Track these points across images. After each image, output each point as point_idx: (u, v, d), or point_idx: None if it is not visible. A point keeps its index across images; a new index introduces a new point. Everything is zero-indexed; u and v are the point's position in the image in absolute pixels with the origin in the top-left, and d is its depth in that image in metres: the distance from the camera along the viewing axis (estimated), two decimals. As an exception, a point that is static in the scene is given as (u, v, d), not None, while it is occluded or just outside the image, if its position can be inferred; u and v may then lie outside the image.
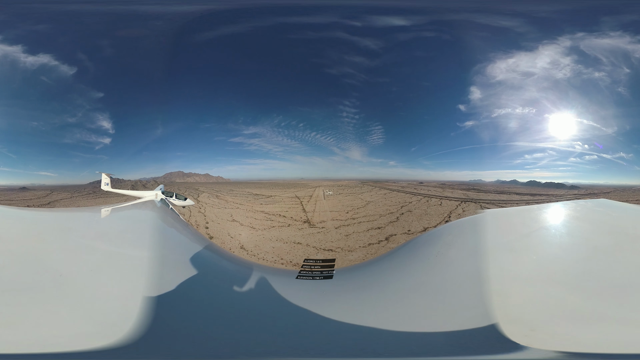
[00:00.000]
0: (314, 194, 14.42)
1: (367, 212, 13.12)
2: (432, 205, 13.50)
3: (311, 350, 3.17)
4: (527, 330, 2.96)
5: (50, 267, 3.67)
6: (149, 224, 6.48)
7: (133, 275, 3.81)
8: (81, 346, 2.72)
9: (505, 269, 3.91)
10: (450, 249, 5.07)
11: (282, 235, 12.17)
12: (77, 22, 10.05)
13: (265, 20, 10.51)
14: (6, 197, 10.92)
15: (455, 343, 3.06)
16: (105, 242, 4.71)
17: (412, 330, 3.35)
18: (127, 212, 7.35)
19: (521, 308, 3.30)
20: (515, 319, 3.10)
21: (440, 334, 3.21)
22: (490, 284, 3.52)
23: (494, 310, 3.18)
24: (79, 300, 3.22)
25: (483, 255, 4.11)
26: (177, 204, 10.46)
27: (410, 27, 10.13)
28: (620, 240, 4.52)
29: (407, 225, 12.41)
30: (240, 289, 4.47)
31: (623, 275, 3.60)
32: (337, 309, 4.01)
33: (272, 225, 12.70)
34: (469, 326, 3.17)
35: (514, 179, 11.88)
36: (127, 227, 6.10)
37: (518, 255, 4.26)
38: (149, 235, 5.39)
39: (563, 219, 5.88)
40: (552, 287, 3.53)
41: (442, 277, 4.27)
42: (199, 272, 4.45)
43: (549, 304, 3.29)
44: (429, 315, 3.57)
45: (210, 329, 3.34)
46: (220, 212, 13.53)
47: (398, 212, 13.20)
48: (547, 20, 9.93)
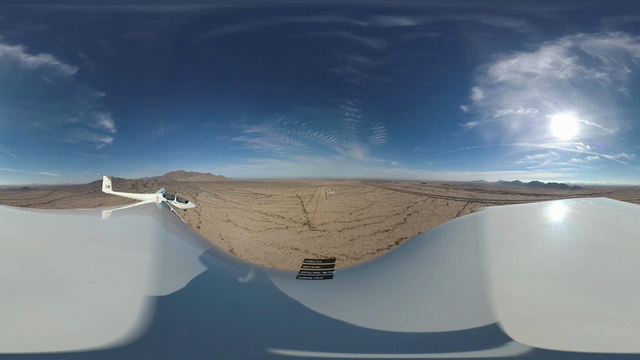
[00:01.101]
0: (315, 194, 14.17)
1: (372, 213, 12.59)
2: (439, 206, 13.13)
3: (314, 352, 3.18)
4: (526, 328, 2.98)
5: (49, 268, 3.67)
6: (150, 226, 6.46)
7: (133, 278, 3.79)
8: (77, 346, 2.72)
9: (506, 267, 3.91)
10: (452, 246, 5.07)
11: (278, 238, 11.39)
12: (78, 22, 9.98)
13: (269, 20, 10.49)
14: (8, 197, 10.88)
15: (456, 341, 3.08)
16: (106, 244, 4.71)
17: (414, 328, 3.36)
18: (127, 214, 7.35)
19: (521, 305, 3.32)
20: (514, 316, 3.13)
21: (442, 333, 3.23)
22: (492, 281, 3.54)
23: (496, 307, 3.21)
24: (77, 302, 3.21)
25: (485, 252, 4.10)
26: (179, 206, 10.44)
27: (416, 28, 10.14)
28: (621, 239, 4.53)
29: (417, 227, 11.87)
30: (241, 291, 4.47)
31: (623, 274, 3.61)
32: (339, 309, 4.00)
33: (268, 226, 11.97)
34: (471, 324, 3.18)
35: (517, 180, 11.95)
36: (127, 230, 6.08)
37: (519, 253, 4.27)
38: (149, 237, 5.38)
39: (564, 216, 5.88)
40: (551, 284, 3.55)
41: (445, 275, 4.27)
42: (200, 275, 4.45)
43: (548, 302, 3.31)
44: (431, 314, 3.56)
45: (211, 331, 3.34)
46: (216, 212, 13.18)
47: (405, 213, 12.72)
48: (548, 21, 9.95)
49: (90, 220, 6.27)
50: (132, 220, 6.97)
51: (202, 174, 14.62)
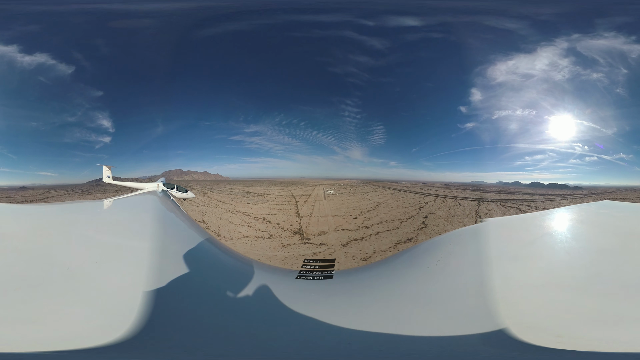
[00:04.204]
0: (312, 193, 13.86)
1: (382, 217, 10.84)
2: (452, 206, 12.20)
3: (310, 351, 3.20)
4: (554, 337, 3.01)
5: (57, 261, 3.72)
6: (150, 215, 6.49)
7: (136, 267, 3.85)
8: (96, 342, 2.75)
9: (510, 277, 3.94)
10: (451, 257, 5.08)
11: (252, 252, 8.39)
12: (75, 20, 9.88)
13: (269, 18, 10.42)
14: (6, 195, 10.73)
15: (452, 350, 3.11)
16: (108, 233, 4.72)
17: (411, 332, 3.39)
18: (129, 203, 7.35)
19: (534, 315, 3.35)
20: (530, 326, 3.16)
21: (438, 340, 3.25)
22: (496, 292, 3.56)
23: (502, 318, 3.22)
24: (88, 294, 3.27)
25: (486, 263, 4.14)
26: (178, 196, 10.41)
27: (421, 28, 10.12)
28: (627, 240, 4.58)
29: (441, 232, 10.02)
30: (239, 285, 4.49)
31: (633, 274, 3.66)
32: (334, 311, 4.04)
33: (246, 233, 9.42)
34: (470, 333, 3.22)
35: (517, 181, 12.01)
36: (129, 218, 6.16)
37: (524, 263, 4.30)
38: (149, 226, 5.42)
39: (567, 224, 5.95)
40: (562, 292, 3.59)
41: (443, 285, 4.29)
42: (199, 265, 4.49)
43: (563, 309, 3.35)
44: (428, 323, 3.59)
45: (209, 324, 3.37)
46: (194, 211, 12.06)
47: (420, 214, 11.41)
48: (544, 22, 10.01)
49: (92, 210, 6.29)
50: (134, 209, 7.03)
51: (199, 172, 14.51)
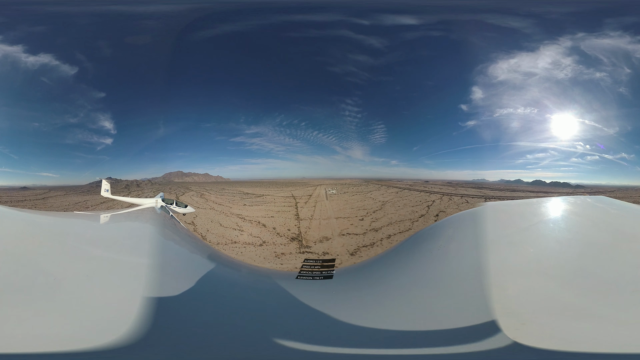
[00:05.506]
0: (314, 193, 13.56)
1: (391, 217, 10.22)
2: (461, 204, 11.91)
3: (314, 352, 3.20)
4: (518, 324, 3.00)
5: (44, 269, 3.68)
6: (147, 231, 6.44)
7: (127, 281, 3.79)
8: (67, 347, 2.74)
9: (504, 262, 3.97)
10: (451, 242, 5.17)
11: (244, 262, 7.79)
12: (78, 22, 9.95)
13: (268, 18, 10.48)
14: (7, 195, 10.81)
15: (455, 337, 3.10)
16: (102, 247, 4.69)
17: (414, 326, 3.40)
18: (126, 218, 7.32)
19: (516, 301, 3.36)
20: (510, 312, 3.16)
21: (442, 330, 3.25)
22: (490, 277, 3.58)
23: (493, 304, 3.23)
24: (70, 304, 3.23)
25: (484, 248, 4.17)
26: (178, 211, 10.40)
27: (420, 27, 10.13)
28: (617, 238, 4.57)
29: None
30: (242, 295, 4.49)
31: (617, 273, 3.65)
32: (340, 307, 4.04)
33: (235, 239, 8.63)
34: (471, 320, 3.22)
35: (519, 179, 11.98)
36: (124, 234, 6.06)
37: (517, 248, 4.33)
38: (146, 242, 5.32)
39: (562, 213, 5.94)
40: (546, 281, 3.61)
41: (445, 271, 4.33)
42: (199, 280, 4.42)
43: (542, 299, 3.36)
44: (431, 310, 3.61)
45: (208, 334, 3.35)
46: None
47: (429, 213, 11.01)
48: (549, 20, 9.98)
49: (88, 223, 6.23)
50: (131, 224, 6.97)
51: (199, 174, 14.52)
